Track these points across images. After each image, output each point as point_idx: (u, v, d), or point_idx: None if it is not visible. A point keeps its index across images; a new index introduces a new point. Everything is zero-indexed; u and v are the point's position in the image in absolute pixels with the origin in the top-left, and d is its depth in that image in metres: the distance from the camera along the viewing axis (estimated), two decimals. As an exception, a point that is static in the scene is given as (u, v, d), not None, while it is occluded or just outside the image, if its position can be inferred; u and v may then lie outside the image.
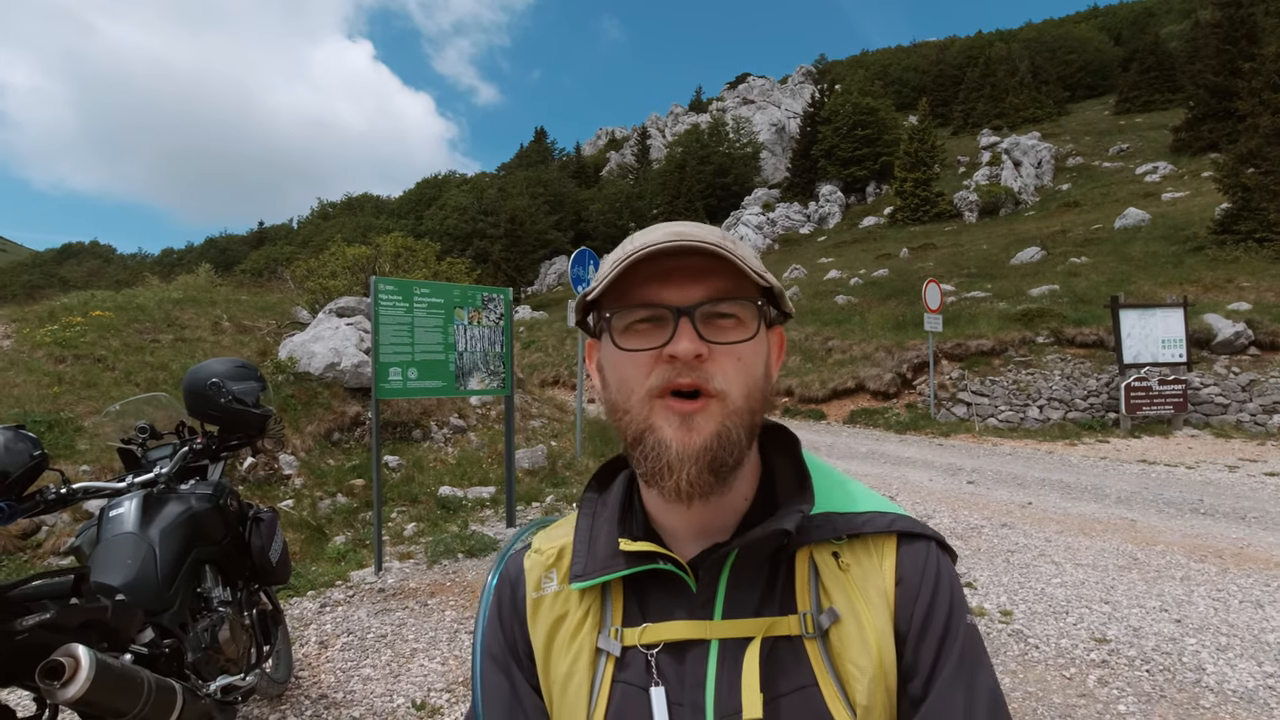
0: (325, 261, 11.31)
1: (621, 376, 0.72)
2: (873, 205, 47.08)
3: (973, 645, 0.73)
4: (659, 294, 0.70)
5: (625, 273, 0.70)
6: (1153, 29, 62.79)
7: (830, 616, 0.72)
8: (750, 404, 0.71)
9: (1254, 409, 11.40)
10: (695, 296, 0.69)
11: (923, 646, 0.72)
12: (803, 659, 0.71)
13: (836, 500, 0.78)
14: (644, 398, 0.70)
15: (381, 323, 5.04)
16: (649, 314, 0.70)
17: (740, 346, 0.70)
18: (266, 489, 6.12)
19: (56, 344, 7.06)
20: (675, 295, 0.69)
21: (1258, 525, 6.17)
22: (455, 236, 59.77)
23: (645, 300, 0.70)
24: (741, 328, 0.71)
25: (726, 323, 0.71)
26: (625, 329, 0.71)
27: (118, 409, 3.02)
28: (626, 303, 0.71)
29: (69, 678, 1.55)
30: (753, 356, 0.72)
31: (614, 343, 0.72)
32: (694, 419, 0.68)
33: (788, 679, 0.70)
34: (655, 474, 0.70)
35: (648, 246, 0.68)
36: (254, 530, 2.78)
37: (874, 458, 10.17)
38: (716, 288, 0.70)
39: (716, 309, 0.70)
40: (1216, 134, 32.06)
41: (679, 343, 0.67)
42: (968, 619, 0.74)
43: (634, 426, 0.71)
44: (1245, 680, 3.42)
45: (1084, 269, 19.91)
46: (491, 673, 0.83)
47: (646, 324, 0.70)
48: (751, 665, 0.70)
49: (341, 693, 3.44)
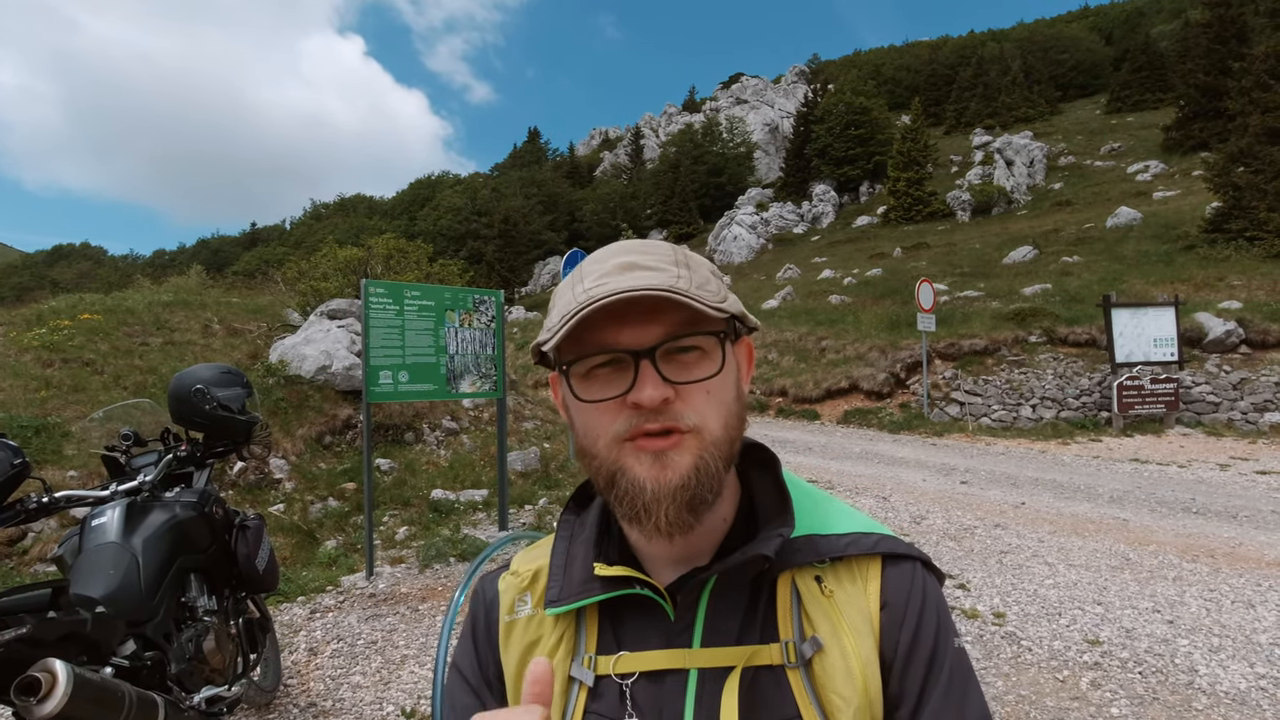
0: (317, 263, 11.24)
1: (585, 423, 0.69)
2: (866, 205, 47.16)
3: (961, 669, 0.71)
4: (615, 337, 0.66)
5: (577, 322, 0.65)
6: (1143, 29, 63.17)
7: (813, 645, 0.69)
8: (729, 433, 0.69)
9: (1245, 407, 11.45)
10: (653, 336, 0.65)
11: (909, 673, 0.70)
12: (785, 690, 0.68)
13: (818, 521, 0.76)
14: (611, 442, 0.67)
15: (372, 326, 5.01)
16: (607, 358, 0.67)
17: (709, 381, 0.67)
18: (257, 493, 6.08)
19: (44, 347, 7.00)
20: (632, 337, 0.65)
21: (1249, 524, 6.18)
22: (449, 237, 59.64)
23: (601, 345, 0.66)
24: (707, 360, 0.67)
25: (690, 357, 0.67)
26: (585, 375, 0.68)
27: (102, 415, 2.99)
28: (582, 350, 0.67)
29: (45, 693, 1.52)
30: (722, 386, 0.69)
31: (574, 394, 0.69)
32: (667, 455, 0.65)
33: (769, 711, 0.68)
34: (633, 517, 0.67)
35: (593, 299, 0.63)
36: (240, 538, 2.75)
37: (868, 458, 10.18)
38: (675, 322, 0.66)
39: (678, 344, 0.66)
40: (1207, 133, 32.23)
41: (642, 390, 0.64)
42: (955, 642, 0.72)
43: (605, 470, 0.68)
44: (1237, 682, 3.42)
45: (1076, 268, 19.98)
46: (462, 693, 0.80)
47: (606, 368, 0.67)
48: (730, 697, 0.67)
49: (330, 701, 3.41)
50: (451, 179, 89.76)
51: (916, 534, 6.18)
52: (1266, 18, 33.53)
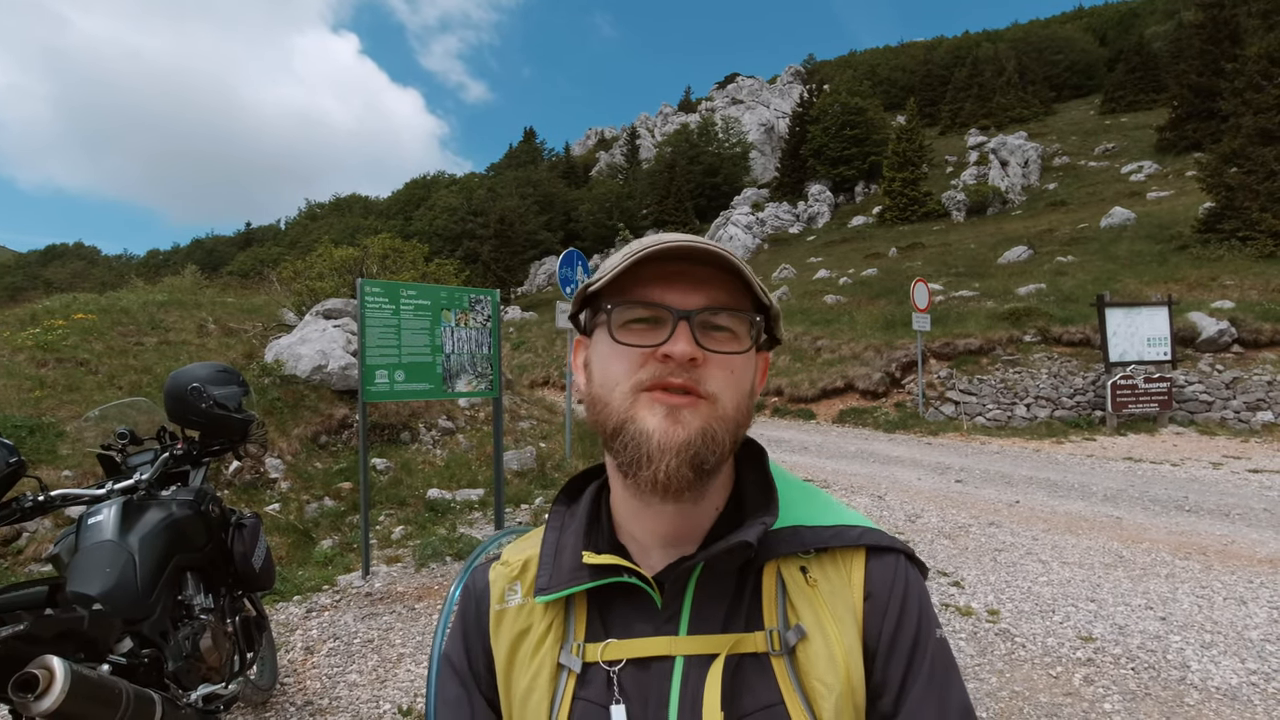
0: (312, 263, 11.21)
1: (609, 369, 0.71)
2: (861, 205, 47.24)
3: (943, 659, 0.72)
4: (661, 295, 0.70)
5: (631, 269, 0.69)
6: (1137, 29, 63.35)
7: (797, 633, 0.71)
8: (738, 415, 0.71)
9: (1238, 406, 11.51)
10: (696, 302, 0.69)
11: (892, 662, 0.71)
12: (769, 677, 0.70)
13: (804, 513, 0.77)
14: (629, 391, 0.69)
15: (368, 325, 5.01)
16: (648, 314, 0.70)
17: (733, 358, 0.70)
18: (253, 493, 6.07)
19: (38, 347, 6.97)
20: (677, 298, 0.69)
21: (1241, 522, 6.22)
22: (444, 237, 59.54)
23: (647, 299, 0.70)
24: (736, 341, 0.71)
25: (722, 335, 0.71)
26: (623, 325, 0.71)
27: (98, 414, 2.99)
28: (628, 298, 0.71)
29: (43, 690, 1.52)
30: (743, 370, 0.72)
31: (610, 334, 0.71)
32: (681, 412, 0.67)
33: (753, 697, 0.69)
34: (634, 463, 0.68)
35: (658, 243, 0.68)
36: (236, 536, 2.75)
37: (863, 457, 10.21)
38: (717, 298, 0.70)
39: (715, 319, 0.70)
40: (1200, 133, 32.37)
41: (676, 343, 0.67)
42: (937, 633, 0.74)
43: (614, 418, 0.69)
44: (1229, 677, 3.45)
45: (1071, 268, 20.05)
46: (451, 684, 0.82)
47: (643, 324, 0.70)
48: (714, 683, 0.68)
49: (327, 699, 3.41)
50: (447, 179, 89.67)
51: (912, 532, 6.20)
52: (1259, 19, 33.74)
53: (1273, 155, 17.47)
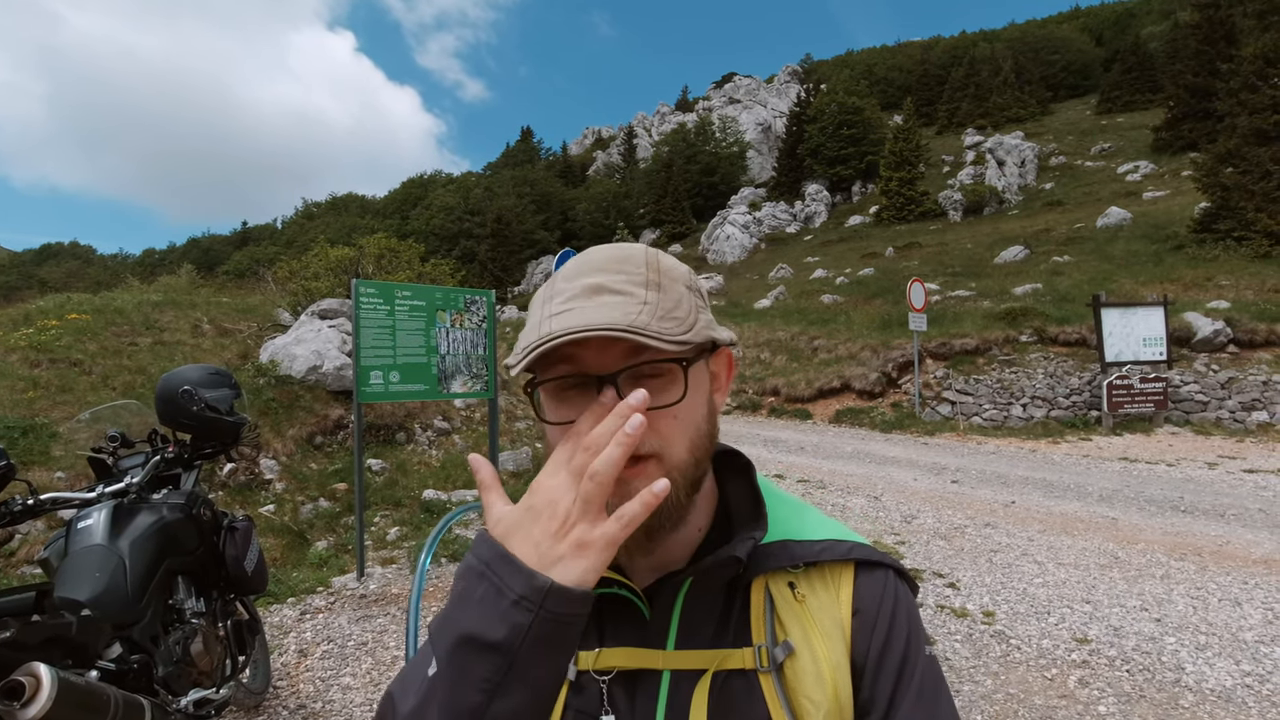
0: (308, 263, 11.18)
1: (554, 442, 0.68)
2: (859, 204, 47.25)
3: (932, 677, 0.72)
4: (580, 359, 0.65)
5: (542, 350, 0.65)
6: (1133, 30, 63.46)
7: (785, 649, 0.70)
8: (695, 455, 0.68)
9: (1233, 406, 11.54)
10: (615, 360, 0.65)
11: (880, 679, 0.70)
12: (756, 693, 0.69)
13: (793, 528, 0.76)
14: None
15: (363, 326, 4.99)
16: (573, 382, 0.67)
17: (673, 407, 0.66)
18: (247, 494, 6.05)
19: (32, 347, 6.94)
20: (595, 360, 0.65)
21: (1236, 523, 6.23)
22: (441, 236, 59.44)
23: (567, 366, 0.66)
24: (673, 384, 0.66)
25: (656, 382, 0.66)
26: (553, 393, 0.68)
27: (88, 417, 2.96)
28: (547, 371, 0.68)
29: (29, 698, 1.51)
30: (689, 409, 0.68)
31: (541, 415, 0.69)
32: (630, 484, 0.63)
33: (739, 714, 0.68)
34: None
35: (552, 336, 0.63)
36: (229, 539, 2.74)
37: (859, 457, 10.21)
38: (634, 350, 0.65)
39: (640, 371, 0.65)
40: (1196, 134, 32.43)
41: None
42: (926, 650, 0.73)
43: None
44: (1223, 679, 3.45)
45: (1067, 268, 20.09)
46: None
47: (574, 389, 0.67)
48: (700, 700, 0.68)
49: (320, 702, 3.39)
50: (444, 178, 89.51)
51: (907, 533, 6.20)
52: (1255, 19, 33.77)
53: (1268, 155, 17.52)
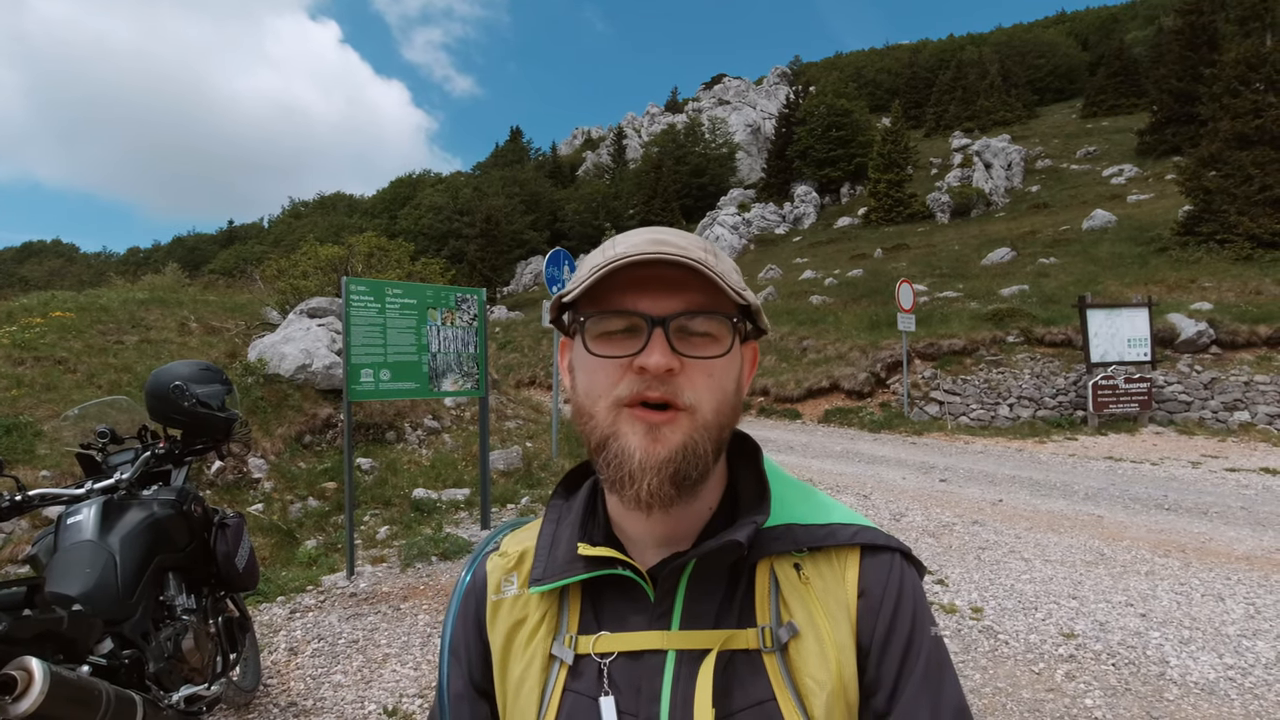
0: (297, 261, 11.11)
1: (590, 381, 0.71)
2: (847, 206, 47.47)
3: (937, 658, 0.72)
4: (635, 302, 0.69)
5: (603, 278, 0.68)
6: (1118, 35, 64.28)
7: (789, 630, 0.71)
8: (720, 419, 0.70)
9: (1215, 406, 11.69)
10: (670, 308, 0.68)
11: (885, 661, 0.71)
12: (760, 673, 0.70)
13: (799, 512, 0.77)
14: (611, 405, 0.69)
15: (353, 324, 4.97)
16: (624, 322, 0.69)
17: (713, 362, 0.69)
18: (236, 493, 6.01)
19: (15, 346, 6.86)
20: (651, 305, 0.68)
21: (1219, 520, 6.32)
22: (430, 236, 59.19)
23: (620, 307, 0.69)
24: (715, 343, 0.70)
25: (700, 339, 0.70)
26: (598, 335, 0.70)
27: (77, 413, 2.94)
28: (602, 308, 0.70)
29: (21, 692, 1.50)
30: (724, 372, 0.71)
31: (586, 347, 0.71)
32: (660, 430, 0.67)
33: (744, 693, 0.69)
34: (617, 482, 0.69)
35: (628, 255, 0.67)
36: (219, 536, 2.72)
37: (848, 456, 10.26)
38: (693, 301, 0.69)
39: (690, 323, 0.69)
40: (1179, 137, 32.81)
41: (650, 355, 0.66)
42: (932, 631, 0.73)
43: (599, 432, 0.70)
44: (1207, 672, 3.50)
45: (1053, 269, 20.28)
46: (456, 676, 0.83)
47: (620, 332, 0.69)
48: (705, 679, 0.68)
49: (311, 700, 3.38)
50: (433, 177, 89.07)
51: (896, 531, 6.24)
52: (1237, 25, 34.27)
53: (1250, 159, 17.75)
